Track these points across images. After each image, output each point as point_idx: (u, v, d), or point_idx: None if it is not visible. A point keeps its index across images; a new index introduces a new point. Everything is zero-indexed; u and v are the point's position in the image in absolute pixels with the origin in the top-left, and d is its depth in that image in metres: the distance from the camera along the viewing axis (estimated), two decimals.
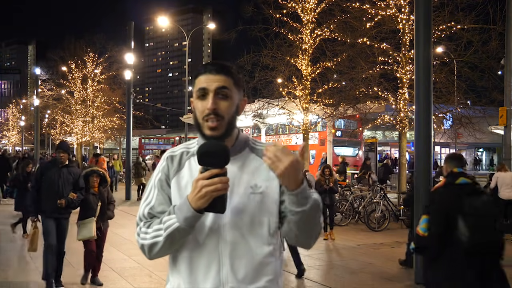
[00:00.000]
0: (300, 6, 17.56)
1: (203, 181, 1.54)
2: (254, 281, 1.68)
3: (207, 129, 1.69)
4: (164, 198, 1.75)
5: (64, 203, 6.17)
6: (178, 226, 1.60)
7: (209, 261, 1.67)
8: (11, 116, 68.85)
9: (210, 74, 1.70)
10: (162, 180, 1.76)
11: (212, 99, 1.67)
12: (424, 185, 7.14)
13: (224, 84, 1.69)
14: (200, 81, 1.71)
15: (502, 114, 13.15)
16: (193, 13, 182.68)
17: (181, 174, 1.75)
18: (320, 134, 23.90)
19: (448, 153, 35.73)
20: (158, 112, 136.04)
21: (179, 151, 1.81)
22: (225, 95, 1.70)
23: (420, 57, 7.17)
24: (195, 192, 1.56)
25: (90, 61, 36.78)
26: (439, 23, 13.79)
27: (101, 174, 6.70)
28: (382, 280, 7.32)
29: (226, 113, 1.69)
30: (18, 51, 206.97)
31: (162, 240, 1.64)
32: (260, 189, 1.71)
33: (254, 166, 1.74)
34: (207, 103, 1.68)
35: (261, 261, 1.69)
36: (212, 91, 1.68)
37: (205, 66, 1.73)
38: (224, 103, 1.69)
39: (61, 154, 6.39)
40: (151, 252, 1.70)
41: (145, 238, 1.69)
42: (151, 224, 1.70)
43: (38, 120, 30.06)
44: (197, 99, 1.71)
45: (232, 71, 1.73)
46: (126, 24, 19.60)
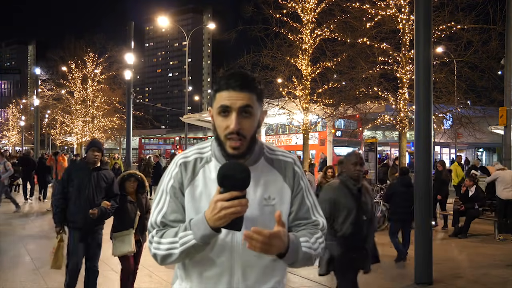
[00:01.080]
0: (300, 6, 17.56)
1: (223, 203, 1.51)
2: (263, 284, 1.70)
3: (229, 148, 1.64)
4: (177, 206, 1.71)
5: (97, 213, 5.20)
6: (195, 243, 1.59)
7: (221, 271, 1.67)
8: (11, 116, 68.81)
9: (233, 91, 1.62)
10: (175, 187, 1.72)
11: (236, 120, 1.61)
12: (424, 185, 7.14)
13: (248, 102, 1.63)
14: (222, 97, 1.63)
15: (502, 114, 13.14)
16: (193, 13, 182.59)
17: (195, 183, 1.71)
18: (320, 134, 23.89)
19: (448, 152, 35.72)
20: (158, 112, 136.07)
21: (192, 156, 1.75)
22: (249, 112, 1.64)
23: (420, 57, 7.17)
24: (214, 212, 1.53)
25: (90, 61, 36.80)
26: (439, 23, 13.79)
27: (139, 178, 5.68)
28: (382, 280, 7.32)
29: (249, 132, 1.65)
30: (18, 51, 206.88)
31: (177, 253, 1.63)
32: (273, 201, 1.70)
33: (268, 178, 1.73)
34: (230, 122, 1.62)
35: (270, 266, 1.70)
36: (235, 110, 1.62)
37: (227, 80, 1.64)
38: (247, 121, 1.64)
39: (95, 153, 5.31)
40: (163, 261, 1.69)
41: (158, 248, 1.68)
42: (164, 233, 1.68)
43: (38, 120, 30.07)
44: (218, 115, 1.65)
45: (256, 86, 1.66)
46: (126, 24, 19.57)
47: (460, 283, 7.14)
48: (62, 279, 6.68)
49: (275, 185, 1.72)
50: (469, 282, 7.21)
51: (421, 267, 6.96)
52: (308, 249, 1.68)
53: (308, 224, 1.78)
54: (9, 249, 8.92)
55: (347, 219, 4.54)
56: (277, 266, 1.72)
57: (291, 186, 1.75)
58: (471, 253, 9.34)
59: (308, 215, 1.78)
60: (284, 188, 1.73)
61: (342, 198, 4.56)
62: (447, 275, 7.48)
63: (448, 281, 7.16)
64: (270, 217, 1.66)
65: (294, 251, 1.63)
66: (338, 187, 4.64)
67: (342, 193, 4.58)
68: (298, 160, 1.84)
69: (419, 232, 7.09)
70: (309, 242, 1.70)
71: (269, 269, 1.70)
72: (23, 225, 11.73)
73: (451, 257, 9.06)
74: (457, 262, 8.74)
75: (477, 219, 11.26)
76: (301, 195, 1.77)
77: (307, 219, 1.78)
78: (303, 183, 1.79)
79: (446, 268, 7.92)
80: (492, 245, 10.10)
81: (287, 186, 1.74)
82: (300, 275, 7.36)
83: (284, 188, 1.73)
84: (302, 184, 1.78)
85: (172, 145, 49.83)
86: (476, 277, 7.45)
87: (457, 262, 8.77)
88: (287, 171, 1.76)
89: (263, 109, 1.76)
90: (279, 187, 1.72)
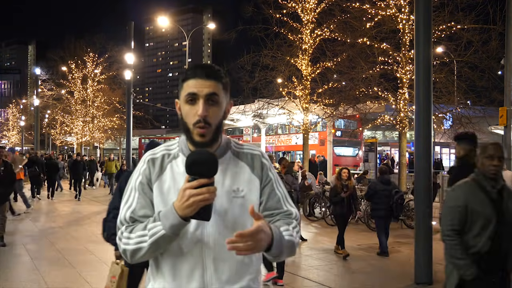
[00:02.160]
0: (300, 6, 17.57)
1: (191, 190, 1.53)
2: (237, 281, 1.70)
3: (196, 136, 1.68)
4: (146, 202, 1.72)
5: None
6: (164, 233, 1.59)
7: (192, 265, 1.67)
8: (11, 116, 68.82)
9: (200, 78, 1.67)
10: (143, 183, 1.74)
11: (203, 106, 1.65)
12: (424, 185, 7.14)
13: (214, 90, 1.67)
14: (189, 85, 1.68)
15: (502, 114, 13.12)
16: (193, 13, 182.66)
17: (163, 178, 1.73)
18: (320, 134, 23.90)
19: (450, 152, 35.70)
20: (158, 112, 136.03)
21: (160, 153, 1.78)
22: (215, 101, 1.68)
23: (420, 57, 7.17)
24: (183, 200, 1.54)
25: (90, 61, 36.83)
26: (439, 23, 13.79)
27: None
28: (382, 280, 7.32)
29: (214, 119, 1.68)
30: (18, 51, 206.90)
31: (147, 246, 1.63)
32: (242, 192, 1.71)
33: (236, 170, 1.74)
34: (197, 109, 1.66)
35: (244, 262, 1.71)
36: (202, 97, 1.66)
37: (194, 69, 1.70)
38: (214, 109, 1.68)
39: None
40: (133, 257, 1.68)
41: (127, 243, 1.67)
42: (133, 228, 1.68)
43: (38, 120, 30.08)
44: (185, 103, 1.69)
45: (222, 75, 1.71)
46: (126, 24, 19.59)
47: None
48: (62, 279, 6.70)
49: (243, 176, 1.74)
50: None
51: (421, 267, 6.96)
52: (290, 237, 1.69)
53: (281, 214, 1.78)
54: (9, 249, 8.91)
55: (483, 231, 3.41)
56: (251, 263, 1.73)
57: (259, 177, 1.77)
58: None
59: (280, 205, 1.78)
60: (252, 180, 1.74)
61: (477, 205, 3.43)
62: None
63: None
64: (240, 208, 1.69)
65: (278, 241, 1.63)
66: (470, 190, 3.50)
67: (476, 197, 3.45)
68: (265, 153, 1.86)
69: (419, 232, 7.09)
70: (289, 230, 1.71)
71: (242, 265, 1.70)
72: (24, 225, 11.74)
73: None
74: None
75: None
76: (270, 186, 1.78)
77: (278, 209, 1.78)
78: (272, 174, 1.80)
79: None
80: None
81: (256, 177, 1.76)
82: (300, 275, 7.37)
83: (252, 179, 1.74)
84: (271, 176, 1.80)
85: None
86: None
87: None
88: (255, 163, 1.78)
89: (230, 101, 1.79)
90: (247, 179, 1.74)
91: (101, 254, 8.40)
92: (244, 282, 1.71)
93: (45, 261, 7.81)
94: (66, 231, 11.05)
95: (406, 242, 10.07)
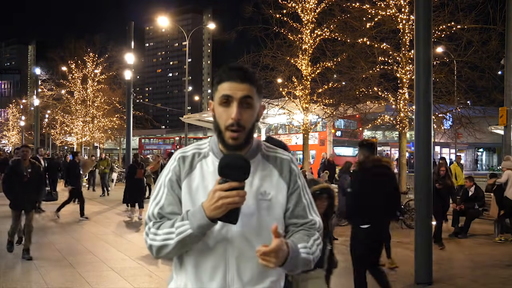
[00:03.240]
0: (300, 6, 17.57)
1: (221, 192, 1.54)
2: (258, 283, 1.71)
3: (229, 138, 1.69)
4: (174, 199, 1.74)
5: None
6: (191, 233, 1.61)
7: (215, 264, 1.69)
8: (11, 116, 68.90)
9: (234, 82, 1.68)
10: (172, 180, 1.75)
11: (237, 109, 1.66)
12: (424, 185, 7.14)
13: (249, 93, 1.69)
14: (224, 87, 1.69)
15: (502, 114, 13.14)
16: (193, 13, 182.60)
17: (192, 176, 1.74)
18: (320, 134, 23.90)
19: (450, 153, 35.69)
20: (158, 112, 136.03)
21: (190, 151, 1.80)
22: (249, 104, 1.69)
23: (420, 57, 7.16)
24: (212, 202, 1.56)
25: (90, 61, 36.84)
26: (439, 23, 13.79)
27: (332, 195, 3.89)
28: None
29: (248, 122, 1.70)
30: (18, 51, 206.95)
31: (173, 244, 1.65)
32: (269, 196, 1.73)
33: (265, 173, 1.76)
34: (231, 112, 1.67)
35: None
36: (237, 100, 1.67)
37: (229, 72, 1.70)
38: (248, 112, 1.69)
39: None
40: (159, 253, 1.70)
41: (154, 239, 1.69)
42: (161, 225, 1.70)
43: (38, 120, 30.09)
44: (219, 105, 1.70)
45: (256, 79, 1.73)
46: (126, 24, 19.60)
47: (460, 283, 7.14)
48: (62, 279, 6.70)
49: (271, 180, 1.75)
50: (469, 282, 7.21)
51: (421, 267, 6.95)
52: (307, 255, 1.71)
53: (305, 224, 1.79)
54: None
55: None
56: None
57: (287, 182, 1.78)
58: (471, 253, 9.34)
59: (305, 214, 1.80)
60: (280, 184, 1.76)
61: None
62: (447, 275, 7.48)
63: (448, 281, 7.16)
64: (266, 211, 1.71)
65: (294, 259, 1.65)
66: None
67: None
68: (294, 159, 1.87)
69: (419, 232, 7.09)
70: (307, 247, 1.72)
71: (264, 267, 1.68)
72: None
73: (451, 257, 9.05)
74: (457, 262, 8.73)
75: (477, 219, 11.25)
76: (297, 193, 1.79)
77: (304, 218, 1.79)
78: (300, 181, 1.81)
79: (446, 268, 7.92)
80: (492, 245, 10.10)
81: (283, 182, 1.77)
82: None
83: (280, 183, 1.76)
84: (299, 182, 1.81)
85: (172, 145, 49.86)
86: (476, 277, 7.45)
87: (457, 262, 8.76)
88: (284, 168, 1.79)
89: (262, 104, 1.81)
90: (275, 183, 1.75)
91: (101, 254, 8.40)
92: (266, 284, 1.72)
93: (45, 261, 7.80)
94: (66, 231, 11.05)
95: (406, 242, 10.06)
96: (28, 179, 7.75)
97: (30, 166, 7.83)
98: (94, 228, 11.40)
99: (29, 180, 7.75)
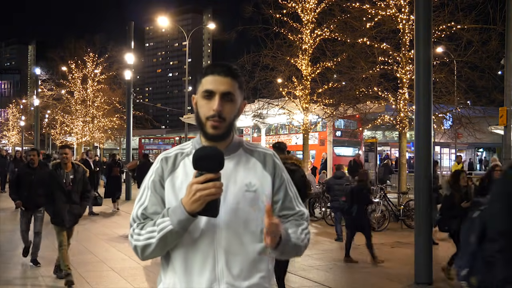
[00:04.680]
0: (300, 6, 17.56)
1: (198, 185, 1.57)
2: (248, 277, 1.72)
3: (209, 128, 1.73)
4: (157, 199, 1.77)
5: None
6: (172, 229, 1.63)
7: (204, 258, 1.70)
8: (11, 116, 68.81)
9: (218, 76, 1.73)
10: (155, 181, 1.78)
11: (218, 102, 1.71)
12: (424, 185, 7.14)
13: (230, 88, 1.74)
14: (207, 81, 1.74)
15: (502, 114, 13.13)
16: (193, 13, 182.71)
17: (176, 174, 1.77)
18: (320, 134, 23.89)
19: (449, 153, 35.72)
20: (158, 112, 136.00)
21: (173, 152, 1.84)
22: (231, 98, 1.75)
23: (420, 57, 7.17)
24: (190, 196, 1.58)
25: (90, 61, 36.83)
26: (439, 23, 13.79)
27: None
28: (382, 280, 7.32)
29: (229, 115, 1.75)
30: (18, 51, 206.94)
31: (155, 242, 1.67)
32: (254, 187, 1.76)
33: (248, 165, 1.80)
34: (213, 105, 1.72)
35: (255, 258, 1.74)
36: (219, 93, 1.72)
37: (213, 67, 1.77)
38: (229, 106, 1.74)
39: None
40: (143, 253, 1.72)
41: (138, 240, 1.71)
42: (144, 225, 1.72)
43: (38, 120, 30.08)
44: (202, 98, 1.75)
45: (238, 74, 1.78)
46: (126, 24, 19.61)
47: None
48: (62, 279, 6.69)
49: (255, 172, 1.79)
50: None
51: (421, 267, 6.96)
52: (296, 240, 1.77)
53: (294, 215, 1.85)
54: (9, 248, 8.92)
55: None
56: (262, 261, 1.76)
57: (271, 174, 1.82)
58: None
59: (292, 206, 1.85)
60: (264, 176, 1.79)
61: None
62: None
63: (448, 281, 7.16)
64: (251, 202, 1.74)
65: (285, 243, 1.71)
66: None
67: None
68: (277, 154, 1.91)
69: (419, 232, 7.09)
70: (297, 233, 1.78)
71: (253, 262, 1.73)
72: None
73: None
74: None
75: None
76: (284, 186, 1.84)
77: (292, 210, 1.85)
78: (285, 175, 1.86)
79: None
80: None
81: (267, 174, 1.81)
82: (300, 275, 7.37)
83: (264, 175, 1.79)
84: (284, 176, 1.86)
85: (172, 145, 49.86)
86: None
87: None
88: (267, 161, 1.83)
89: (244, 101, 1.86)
90: (259, 174, 1.79)
91: (101, 254, 8.41)
92: (255, 280, 1.73)
93: (45, 261, 7.80)
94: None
95: (406, 242, 10.06)
96: (71, 188, 6.39)
97: (72, 171, 6.45)
98: (94, 228, 11.40)
99: (72, 188, 6.40)
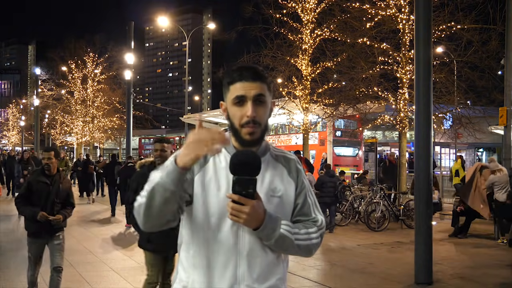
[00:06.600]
0: (300, 6, 17.56)
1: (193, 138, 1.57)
2: (266, 279, 1.74)
3: (245, 134, 1.74)
4: None
5: None
6: (159, 180, 1.59)
7: (226, 260, 1.71)
8: (11, 116, 68.79)
9: (246, 82, 1.74)
10: None
11: (251, 107, 1.72)
12: (424, 185, 7.14)
13: (261, 91, 1.75)
14: (236, 88, 1.75)
15: (502, 114, 13.14)
16: (193, 13, 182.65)
17: (206, 169, 1.78)
18: (320, 134, 23.88)
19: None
20: (158, 112, 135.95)
21: None
22: (262, 101, 1.76)
23: (420, 57, 7.17)
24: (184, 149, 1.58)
25: (90, 61, 36.84)
26: (439, 23, 13.78)
27: None
28: (382, 280, 7.32)
29: (262, 119, 1.76)
30: (18, 51, 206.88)
31: (146, 196, 1.62)
32: (279, 192, 1.79)
33: (275, 170, 1.82)
34: (246, 110, 1.72)
35: (273, 261, 1.77)
36: (250, 98, 1.73)
37: (240, 72, 1.76)
38: (261, 109, 1.75)
39: None
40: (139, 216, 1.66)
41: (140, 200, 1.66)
42: None
43: (38, 120, 30.08)
44: (233, 105, 1.75)
45: (266, 76, 1.80)
46: (126, 24, 19.60)
47: (460, 283, 7.14)
48: (62, 279, 6.68)
49: (281, 177, 1.82)
50: (469, 282, 7.21)
51: (421, 267, 6.96)
52: (288, 233, 1.72)
53: (308, 220, 1.85)
54: (9, 248, 8.92)
55: None
56: (280, 263, 1.79)
57: (295, 180, 1.85)
58: (471, 253, 9.34)
59: (309, 212, 1.86)
60: (289, 182, 1.83)
61: None
62: (447, 275, 7.48)
63: (448, 281, 7.16)
64: (277, 207, 1.76)
65: (269, 228, 1.67)
66: None
67: None
68: (299, 160, 1.94)
69: (419, 232, 7.09)
70: (294, 229, 1.75)
71: (272, 264, 1.76)
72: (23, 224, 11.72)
73: (451, 257, 9.06)
74: (457, 262, 8.73)
75: (477, 219, 11.25)
76: (304, 193, 1.86)
77: (307, 216, 1.85)
78: (305, 181, 1.89)
79: (446, 268, 7.93)
80: (492, 245, 10.10)
81: (291, 180, 1.84)
82: (300, 275, 7.37)
83: (289, 181, 1.83)
84: (305, 182, 1.88)
85: (172, 145, 49.79)
86: (476, 277, 7.45)
87: (457, 262, 8.76)
88: (291, 167, 1.86)
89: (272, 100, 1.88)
90: (284, 180, 1.82)
91: (101, 254, 8.40)
92: (273, 281, 1.76)
93: (44, 261, 7.79)
94: (66, 231, 11.02)
95: (406, 242, 10.07)
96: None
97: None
98: (94, 228, 11.40)
99: None
